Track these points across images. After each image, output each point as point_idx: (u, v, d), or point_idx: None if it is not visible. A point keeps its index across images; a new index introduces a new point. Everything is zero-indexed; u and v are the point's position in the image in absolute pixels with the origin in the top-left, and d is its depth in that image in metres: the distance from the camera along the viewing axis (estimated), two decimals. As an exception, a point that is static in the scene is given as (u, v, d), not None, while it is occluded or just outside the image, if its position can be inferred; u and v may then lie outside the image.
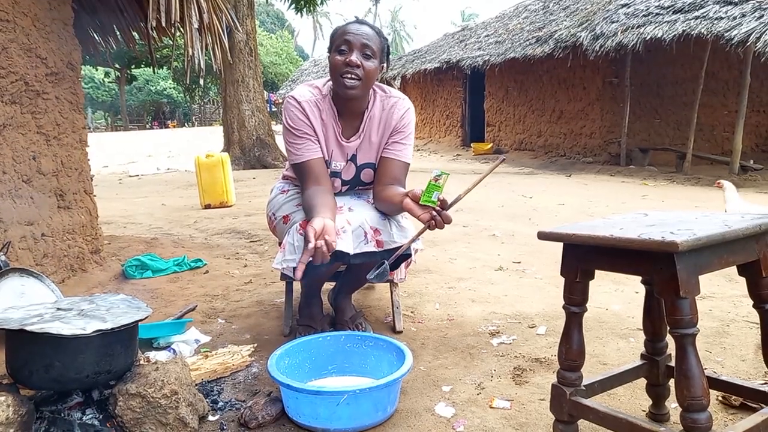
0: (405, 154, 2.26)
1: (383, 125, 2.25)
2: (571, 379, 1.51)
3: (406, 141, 2.26)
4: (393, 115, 2.24)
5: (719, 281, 3.18)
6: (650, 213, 1.61)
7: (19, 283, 2.61)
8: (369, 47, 2.08)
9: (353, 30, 2.09)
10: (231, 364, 2.21)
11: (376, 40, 2.12)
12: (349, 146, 2.26)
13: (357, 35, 2.07)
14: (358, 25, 2.12)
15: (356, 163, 2.31)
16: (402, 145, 2.25)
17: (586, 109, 11.41)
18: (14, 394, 1.57)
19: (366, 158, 2.30)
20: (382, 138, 2.26)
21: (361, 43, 2.07)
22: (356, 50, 2.07)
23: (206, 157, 6.87)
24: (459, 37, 16.29)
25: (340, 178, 2.33)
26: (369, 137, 2.26)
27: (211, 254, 4.19)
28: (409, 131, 2.27)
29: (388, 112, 2.25)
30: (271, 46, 41.98)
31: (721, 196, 3.99)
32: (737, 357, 2.20)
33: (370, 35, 2.10)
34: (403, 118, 2.25)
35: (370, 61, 2.09)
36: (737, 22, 7.70)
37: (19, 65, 2.74)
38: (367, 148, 2.28)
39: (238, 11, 11.20)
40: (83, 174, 3.38)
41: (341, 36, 2.09)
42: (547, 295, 3.07)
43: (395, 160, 2.24)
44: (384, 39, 2.17)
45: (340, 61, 2.07)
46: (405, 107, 2.27)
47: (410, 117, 2.28)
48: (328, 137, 2.24)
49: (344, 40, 2.08)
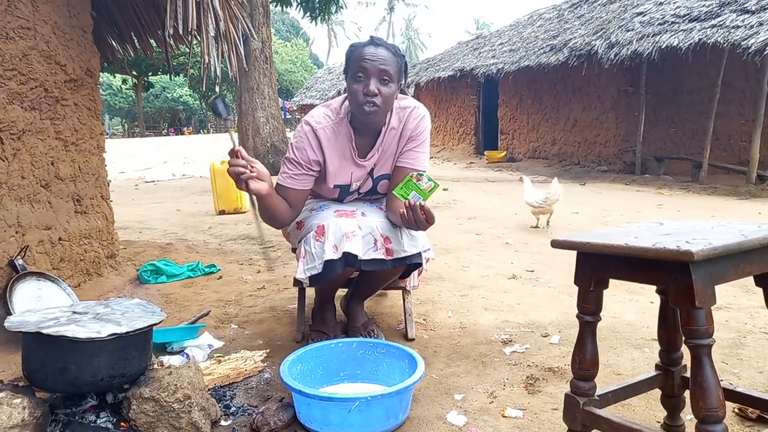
0: (420, 162, 2.25)
1: (401, 135, 2.25)
2: (585, 389, 1.50)
3: (421, 149, 2.25)
4: (408, 124, 2.23)
5: (736, 292, 3.14)
6: (665, 222, 1.60)
7: (36, 286, 2.64)
8: (386, 72, 2.05)
9: (369, 56, 2.04)
10: (243, 370, 2.22)
11: (393, 62, 2.07)
12: (366, 163, 2.27)
13: (374, 61, 2.03)
14: (374, 48, 2.07)
15: (373, 176, 2.32)
16: (417, 153, 2.24)
17: (601, 118, 11.35)
18: (30, 396, 1.59)
19: (383, 170, 2.31)
20: (398, 147, 2.26)
21: (378, 69, 2.04)
22: (373, 77, 2.04)
23: (221, 164, 6.91)
24: (473, 45, 16.30)
25: (358, 192, 2.35)
26: (386, 150, 2.26)
27: (225, 260, 4.21)
28: (423, 138, 2.26)
29: (405, 122, 2.24)
30: (286, 54, 42.31)
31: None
32: (754, 369, 2.17)
33: (386, 59, 2.06)
34: (418, 126, 2.24)
35: (388, 86, 2.07)
36: (754, 30, 7.63)
37: (38, 72, 2.79)
38: (385, 161, 2.29)
39: (254, 19, 11.30)
40: (100, 179, 3.42)
41: (357, 61, 2.06)
42: (561, 303, 3.05)
43: (410, 168, 2.23)
44: (401, 57, 2.13)
45: (357, 89, 2.05)
46: (420, 115, 2.25)
47: (425, 124, 2.26)
48: (344, 160, 2.24)
49: (361, 66, 2.04)
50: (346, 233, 2.08)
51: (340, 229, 2.10)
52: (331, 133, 2.21)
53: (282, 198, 2.19)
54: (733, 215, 6.07)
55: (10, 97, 2.63)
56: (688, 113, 10.28)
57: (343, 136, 2.22)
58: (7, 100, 2.61)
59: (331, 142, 2.21)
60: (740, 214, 6.16)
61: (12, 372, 2.19)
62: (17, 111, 2.67)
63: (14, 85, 2.64)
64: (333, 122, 2.22)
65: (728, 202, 7.24)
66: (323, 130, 2.20)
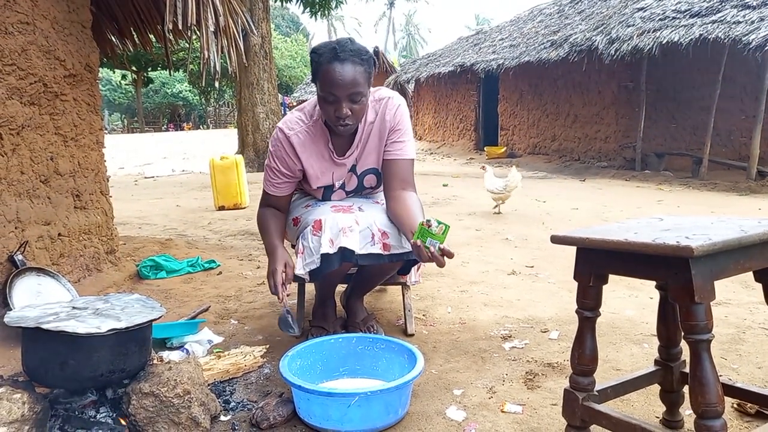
0: (405, 151, 2.24)
1: (379, 129, 2.23)
2: (584, 384, 1.50)
3: (404, 137, 2.24)
4: (386, 116, 2.22)
5: (735, 287, 3.14)
6: (665, 218, 1.60)
7: (35, 282, 2.64)
8: (356, 91, 1.99)
9: (337, 77, 1.95)
10: (243, 365, 2.22)
11: (362, 75, 2.00)
12: (346, 161, 2.26)
13: (342, 86, 1.96)
14: (341, 67, 1.96)
15: (357, 173, 2.32)
16: (401, 143, 2.23)
17: (601, 113, 11.33)
18: (30, 391, 1.59)
19: (366, 165, 2.30)
20: (380, 140, 2.24)
21: (348, 93, 1.98)
22: (344, 100, 1.99)
23: (221, 159, 6.92)
24: (473, 40, 16.28)
25: (344, 190, 2.35)
26: (365, 145, 2.25)
27: (225, 255, 4.21)
28: (404, 127, 2.24)
29: (381, 115, 2.22)
30: (286, 49, 42.25)
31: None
32: (753, 364, 2.17)
33: (355, 78, 1.97)
34: (395, 116, 2.22)
35: (360, 103, 2.03)
36: (755, 26, 7.62)
37: (38, 67, 2.78)
38: (366, 156, 2.27)
39: (254, 15, 11.27)
40: (99, 175, 3.41)
41: (325, 82, 1.98)
42: (560, 299, 3.05)
43: (398, 160, 2.23)
44: (368, 61, 2.05)
45: (329, 110, 2.03)
46: (395, 105, 2.23)
47: (402, 112, 2.24)
48: (323, 162, 2.24)
49: (329, 91, 1.98)
50: (342, 228, 2.08)
51: (337, 224, 2.10)
52: (305, 137, 2.20)
53: (276, 211, 2.31)
54: (733, 211, 6.07)
55: (9, 92, 2.62)
56: (689, 109, 10.28)
57: (319, 138, 2.21)
58: (6, 95, 2.61)
59: (306, 146, 2.20)
60: (740, 210, 6.17)
61: (12, 367, 2.20)
62: (16, 106, 2.66)
63: (13, 80, 2.64)
64: (307, 126, 2.21)
65: (728, 198, 7.24)
66: (296, 136, 2.19)
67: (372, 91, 2.21)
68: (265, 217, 2.30)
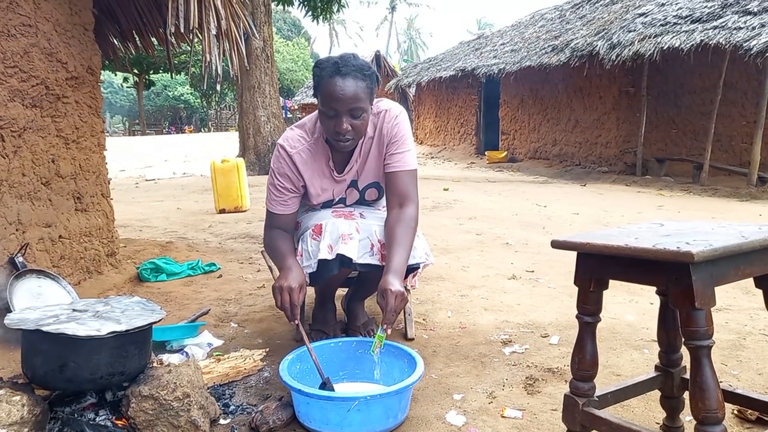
0: (406, 162, 2.19)
1: (378, 142, 2.20)
2: (584, 390, 1.50)
3: (402, 148, 2.19)
4: (384, 129, 2.18)
5: (736, 293, 3.14)
6: (666, 223, 1.60)
7: (36, 284, 2.64)
8: (357, 107, 1.97)
9: (339, 92, 1.94)
10: (243, 368, 2.22)
11: (363, 90, 1.99)
12: (346, 177, 2.25)
13: (343, 101, 1.95)
14: (342, 81, 1.95)
15: (358, 188, 2.30)
16: (399, 155, 2.18)
17: (602, 119, 11.34)
18: (29, 393, 1.59)
19: (368, 179, 2.28)
20: (380, 154, 2.21)
21: (349, 108, 1.97)
22: (344, 115, 1.98)
23: (222, 162, 6.93)
24: (474, 45, 16.30)
25: (344, 203, 2.34)
26: (365, 161, 2.23)
27: (225, 258, 4.21)
28: (403, 138, 2.19)
29: (379, 129, 2.19)
30: (288, 52, 42.28)
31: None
32: (754, 370, 2.17)
33: (356, 94, 1.96)
34: (394, 128, 2.18)
35: (361, 118, 2.01)
36: (756, 32, 7.63)
37: (40, 69, 2.79)
38: (368, 171, 2.25)
39: (256, 18, 11.30)
40: (101, 177, 3.42)
41: (327, 96, 1.97)
42: (561, 304, 3.05)
43: (397, 172, 2.18)
44: (370, 76, 2.03)
45: (330, 125, 2.01)
46: (393, 116, 2.19)
47: (400, 122, 2.20)
48: (324, 179, 2.23)
49: (330, 105, 1.97)
50: (342, 235, 2.08)
51: (338, 229, 2.09)
52: (307, 155, 2.18)
53: (283, 232, 2.23)
54: (734, 217, 6.07)
55: (11, 95, 2.63)
56: (690, 114, 10.28)
57: (320, 156, 2.19)
58: (8, 97, 2.61)
59: (308, 165, 2.19)
60: (741, 216, 6.16)
61: (11, 369, 2.19)
62: (18, 108, 2.67)
63: (15, 82, 2.64)
64: (308, 143, 2.19)
65: (729, 203, 7.24)
66: (299, 155, 2.17)
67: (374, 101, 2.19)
68: (275, 239, 2.21)
